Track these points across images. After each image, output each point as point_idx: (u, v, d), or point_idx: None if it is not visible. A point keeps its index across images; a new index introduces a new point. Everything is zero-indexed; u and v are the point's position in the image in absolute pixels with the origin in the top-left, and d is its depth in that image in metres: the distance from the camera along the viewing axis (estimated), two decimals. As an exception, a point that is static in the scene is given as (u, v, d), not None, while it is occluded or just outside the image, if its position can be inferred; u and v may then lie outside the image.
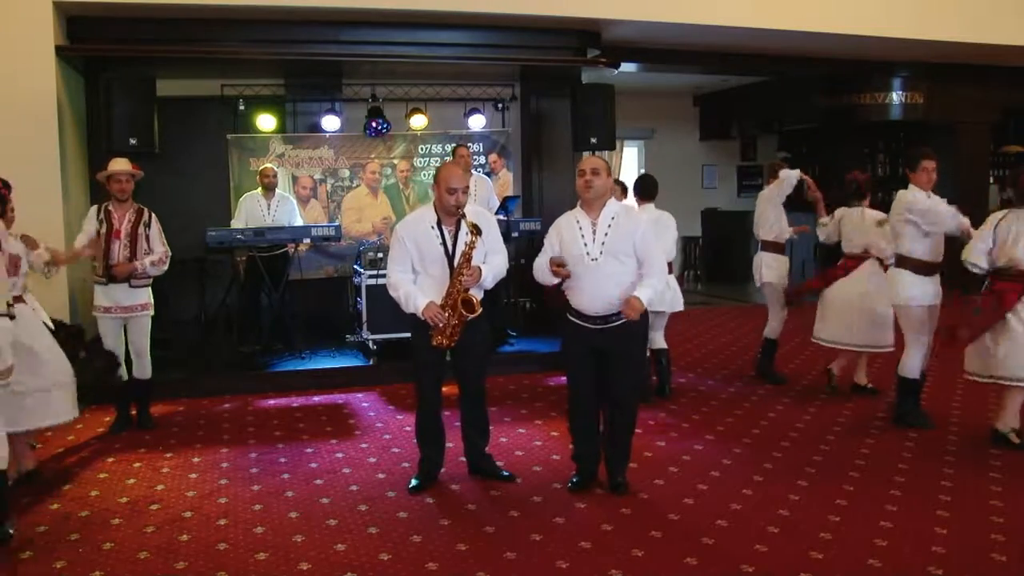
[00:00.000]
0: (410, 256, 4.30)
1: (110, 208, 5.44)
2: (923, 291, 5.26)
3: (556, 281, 4.25)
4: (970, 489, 4.35)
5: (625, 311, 4.02)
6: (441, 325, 4.19)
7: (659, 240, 4.72)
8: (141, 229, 5.45)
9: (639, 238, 4.13)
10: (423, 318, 4.20)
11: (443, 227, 4.28)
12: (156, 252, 5.51)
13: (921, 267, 5.24)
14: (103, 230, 5.37)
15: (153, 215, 5.56)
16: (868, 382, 6.29)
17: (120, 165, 5.47)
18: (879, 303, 5.89)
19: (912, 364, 5.36)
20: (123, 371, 5.51)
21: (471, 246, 4.18)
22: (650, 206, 6.20)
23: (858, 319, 6.00)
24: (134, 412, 5.70)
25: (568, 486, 4.35)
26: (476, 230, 4.17)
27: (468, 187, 4.28)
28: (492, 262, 4.34)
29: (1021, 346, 4.79)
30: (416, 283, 4.31)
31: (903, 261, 5.30)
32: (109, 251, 5.36)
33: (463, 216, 4.24)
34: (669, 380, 6.32)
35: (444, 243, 4.27)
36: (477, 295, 4.27)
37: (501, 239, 4.46)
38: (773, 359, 6.77)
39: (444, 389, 4.56)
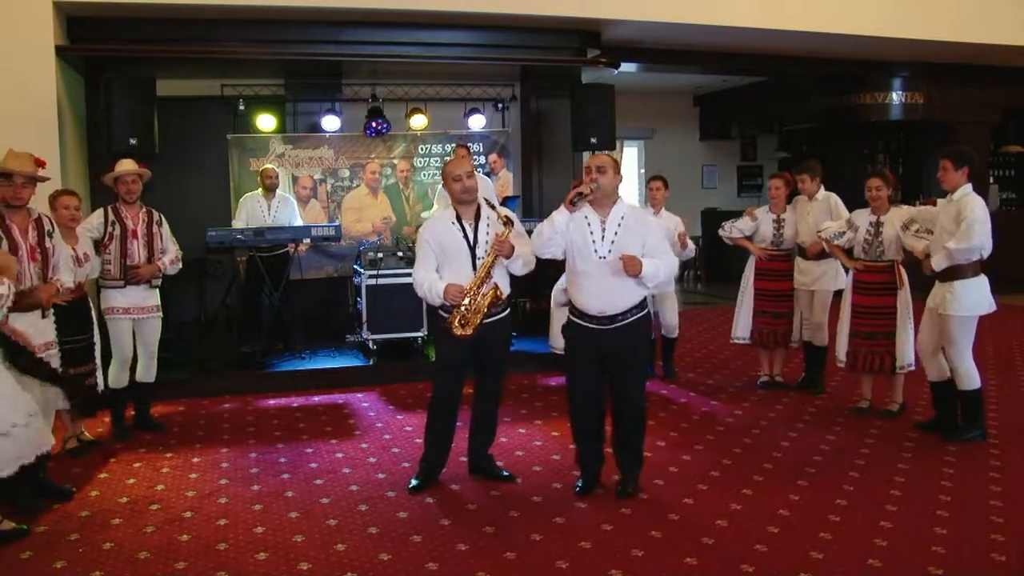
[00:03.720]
0: (434, 255, 4.31)
1: (120, 209, 5.36)
2: None
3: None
4: (970, 489, 4.35)
5: (624, 258, 4.00)
6: (463, 308, 4.18)
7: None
8: (155, 229, 5.45)
9: (652, 240, 4.11)
10: (447, 302, 4.20)
11: (463, 221, 4.32)
12: (170, 251, 5.52)
13: None
14: (116, 232, 5.29)
15: (162, 216, 5.55)
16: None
17: (127, 166, 5.43)
18: None
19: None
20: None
21: (506, 233, 4.22)
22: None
23: None
24: (131, 416, 5.59)
25: (576, 491, 4.33)
26: (508, 221, 4.25)
27: (472, 171, 4.32)
28: (521, 247, 4.34)
29: None
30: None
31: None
32: (126, 252, 5.31)
33: (488, 205, 4.35)
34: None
35: (465, 236, 4.29)
36: (502, 287, 4.32)
37: (525, 232, 4.47)
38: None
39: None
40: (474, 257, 4.28)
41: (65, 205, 4.91)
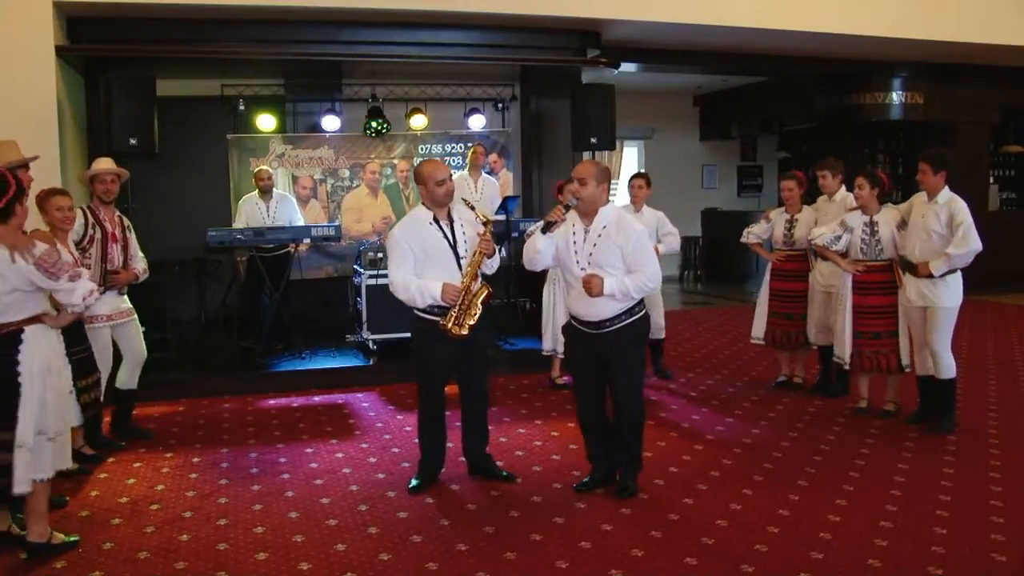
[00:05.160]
0: (412, 257, 4.27)
1: (97, 211, 5.15)
2: None
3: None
4: (970, 489, 4.35)
5: (584, 280, 4.01)
6: (457, 309, 4.19)
7: None
8: (127, 233, 5.30)
9: (630, 250, 4.04)
10: (444, 303, 4.19)
11: (440, 222, 4.32)
12: (141, 259, 5.36)
13: None
14: (97, 235, 5.08)
15: (130, 222, 5.39)
16: None
17: (105, 164, 5.27)
18: None
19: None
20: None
21: (488, 231, 4.26)
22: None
23: None
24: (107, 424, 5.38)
25: (575, 487, 4.33)
26: (488, 221, 4.27)
27: (451, 175, 4.35)
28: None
29: None
30: None
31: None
32: (107, 256, 5.12)
33: (467, 205, 4.39)
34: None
35: (446, 236, 4.30)
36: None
37: None
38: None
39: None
40: (458, 256, 4.29)
41: (58, 206, 4.55)
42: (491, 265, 4.37)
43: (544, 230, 4.09)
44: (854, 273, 5.53)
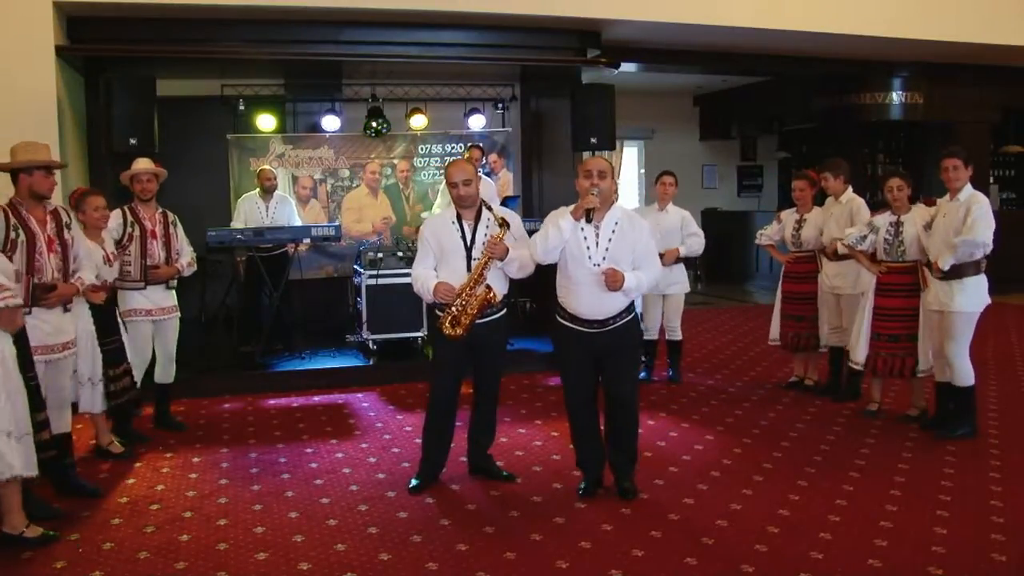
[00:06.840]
0: (432, 253, 4.34)
1: (136, 210, 5.34)
2: None
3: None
4: (970, 489, 4.35)
5: (607, 273, 3.98)
6: (455, 308, 4.20)
7: None
8: (171, 229, 5.45)
9: (641, 247, 4.11)
10: (436, 300, 4.23)
11: (463, 221, 4.33)
12: (186, 253, 5.52)
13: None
14: (136, 233, 5.27)
15: (176, 217, 5.55)
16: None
17: (143, 164, 5.44)
18: None
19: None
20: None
21: (500, 235, 4.23)
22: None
23: None
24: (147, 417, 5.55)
25: (579, 493, 4.31)
26: (504, 223, 4.26)
27: (469, 179, 4.29)
28: (518, 250, 4.33)
29: None
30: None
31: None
32: (146, 253, 5.29)
33: (485, 207, 4.34)
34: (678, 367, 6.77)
35: (463, 235, 4.31)
36: (498, 289, 4.30)
37: (526, 235, 4.46)
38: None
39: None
40: (469, 257, 4.29)
41: (96, 207, 4.85)
42: (511, 268, 4.34)
43: (589, 219, 4.03)
44: (876, 274, 5.45)
